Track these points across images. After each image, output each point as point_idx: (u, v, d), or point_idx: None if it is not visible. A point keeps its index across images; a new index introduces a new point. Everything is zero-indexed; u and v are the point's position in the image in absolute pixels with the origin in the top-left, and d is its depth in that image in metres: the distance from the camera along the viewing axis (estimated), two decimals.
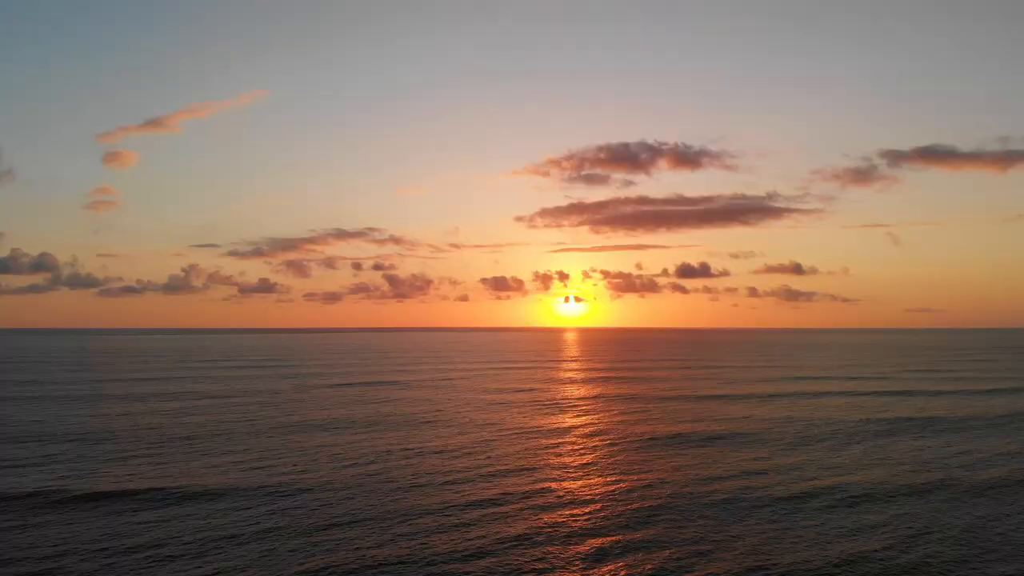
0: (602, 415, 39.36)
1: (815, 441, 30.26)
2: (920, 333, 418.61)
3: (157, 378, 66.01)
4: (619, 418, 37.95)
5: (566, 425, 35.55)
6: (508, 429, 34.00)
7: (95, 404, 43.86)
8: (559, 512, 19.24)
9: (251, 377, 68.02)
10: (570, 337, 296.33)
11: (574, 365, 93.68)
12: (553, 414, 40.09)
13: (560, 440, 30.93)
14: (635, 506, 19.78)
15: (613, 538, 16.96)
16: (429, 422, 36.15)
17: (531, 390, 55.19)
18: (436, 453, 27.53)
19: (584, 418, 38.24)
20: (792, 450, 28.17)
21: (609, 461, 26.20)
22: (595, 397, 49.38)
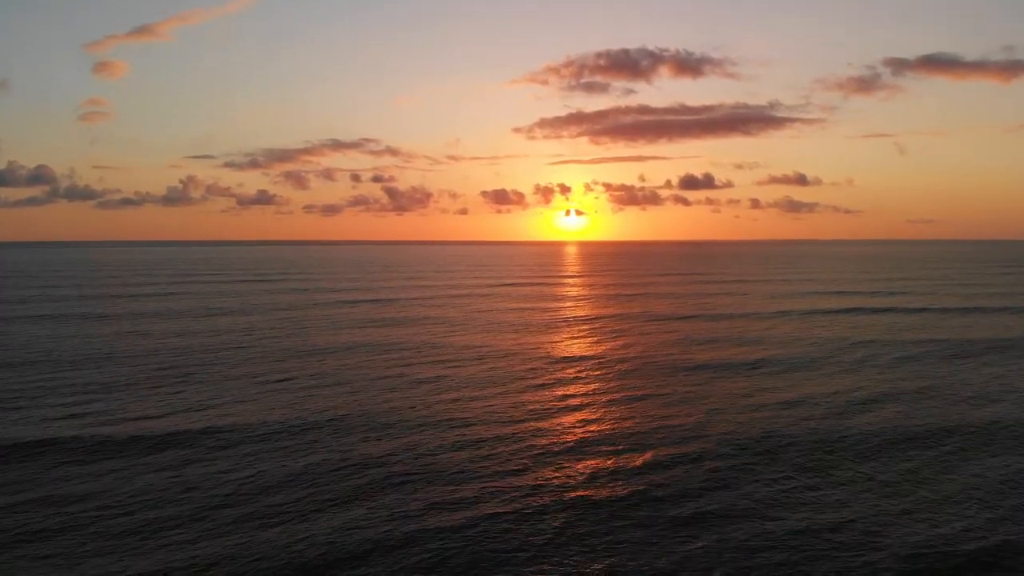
0: (627, 338, 37.79)
1: (874, 366, 28.57)
2: (925, 244, 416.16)
3: (162, 293, 64.39)
4: (646, 340, 36.36)
5: (592, 351, 33.98)
6: (527, 354, 32.48)
7: (101, 324, 42.25)
8: (599, 449, 17.65)
9: (257, 292, 66.43)
10: (573, 251, 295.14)
11: (585, 281, 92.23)
12: (574, 336, 38.54)
13: (588, 366, 29.34)
14: (688, 445, 18.17)
15: (662, 477, 15.39)
16: (443, 345, 34.59)
17: (544, 309, 53.70)
18: (454, 381, 25.95)
19: (610, 342, 36.69)
20: (852, 377, 26.50)
21: (647, 391, 24.58)
22: (614, 317, 47.81)
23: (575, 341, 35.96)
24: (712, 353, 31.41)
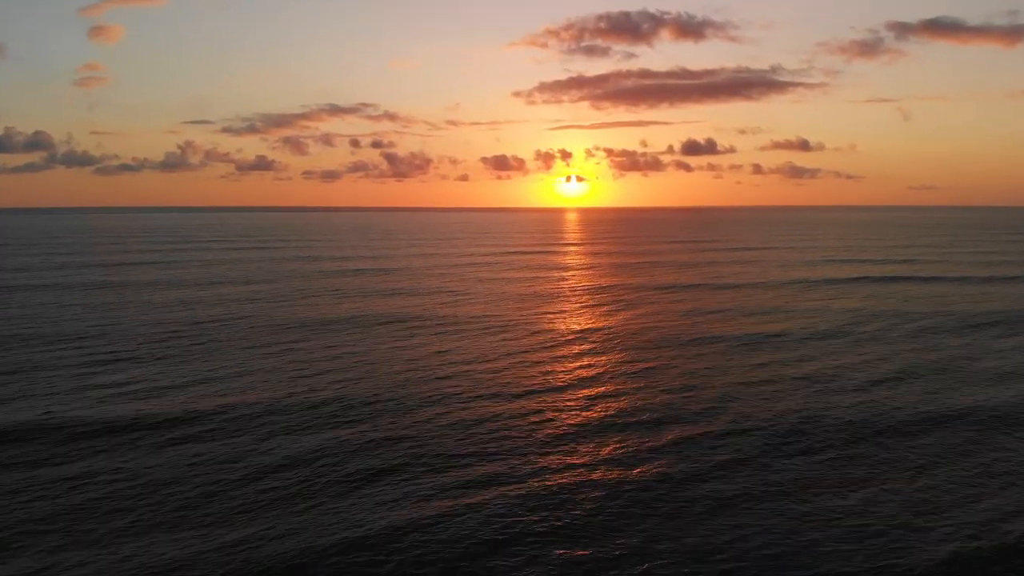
0: (636, 310, 37.27)
1: (891, 340, 28.05)
2: (927, 211, 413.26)
3: (165, 262, 63.71)
4: (655, 311, 35.86)
5: (600, 323, 33.47)
6: (534, 327, 32.04)
7: (103, 294, 41.75)
8: (614, 427, 17.26)
9: (260, 260, 65.75)
10: (575, 219, 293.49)
11: (589, 249, 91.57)
12: (581, 308, 38.05)
13: (597, 340, 28.87)
14: (703, 425, 17.76)
15: (680, 457, 15.00)
16: (449, 317, 34.12)
17: (550, 279, 53.19)
18: (462, 355, 25.50)
19: (618, 314, 36.20)
20: (870, 351, 25.98)
21: (658, 365, 24.10)
22: (621, 287, 47.28)
23: (582, 313, 35.48)
24: (723, 326, 30.93)
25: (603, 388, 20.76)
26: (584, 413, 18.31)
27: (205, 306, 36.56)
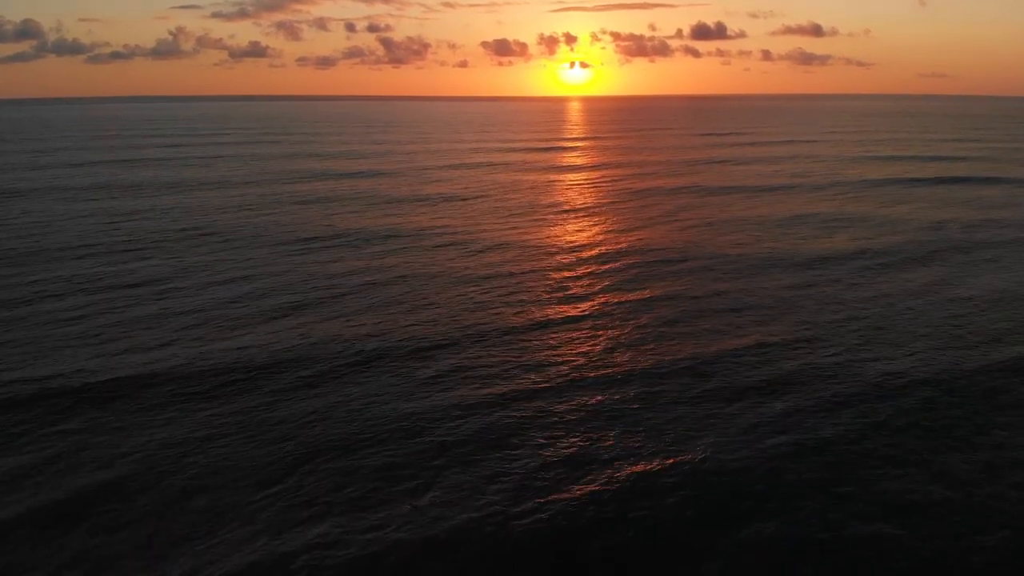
0: (681, 218, 35.10)
1: (962, 264, 25.93)
2: (941, 100, 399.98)
3: (171, 158, 60.93)
4: (699, 217, 33.77)
5: (635, 240, 31.33)
6: (561, 244, 30.14)
7: (107, 199, 39.64)
8: (661, 370, 15.72)
9: (265, 158, 62.87)
10: (582, 108, 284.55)
11: (604, 145, 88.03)
12: (613, 216, 35.95)
13: (647, 259, 27.03)
14: (759, 371, 16.21)
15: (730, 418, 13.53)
16: (467, 232, 32.18)
17: (568, 183, 50.79)
18: (491, 274, 23.78)
19: (659, 225, 34.11)
20: (943, 273, 23.84)
21: (700, 293, 22.33)
22: (653, 192, 44.86)
23: (609, 223, 33.28)
24: (770, 243, 28.75)
25: (654, 317, 19.04)
26: (640, 348, 16.70)
27: (212, 214, 34.59)
